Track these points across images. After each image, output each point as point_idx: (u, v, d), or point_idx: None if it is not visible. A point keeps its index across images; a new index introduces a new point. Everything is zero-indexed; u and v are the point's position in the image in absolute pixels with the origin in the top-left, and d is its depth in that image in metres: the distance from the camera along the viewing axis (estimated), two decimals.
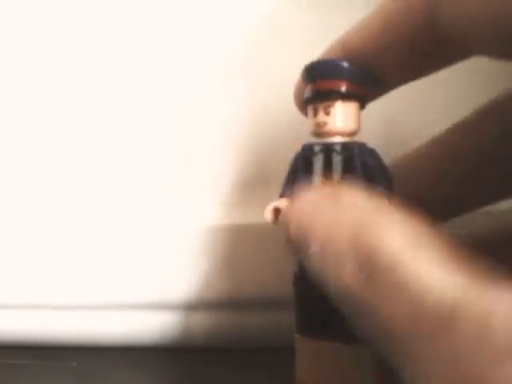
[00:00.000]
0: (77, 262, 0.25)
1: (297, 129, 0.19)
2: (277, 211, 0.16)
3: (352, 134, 0.16)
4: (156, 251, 0.25)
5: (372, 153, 0.16)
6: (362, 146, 0.16)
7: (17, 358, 0.25)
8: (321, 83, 0.15)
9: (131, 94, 0.26)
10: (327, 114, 0.15)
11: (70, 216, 0.26)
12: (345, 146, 0.15)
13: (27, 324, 0.26)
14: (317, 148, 0.16)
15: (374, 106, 0.17)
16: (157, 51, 0.26)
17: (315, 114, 0.15)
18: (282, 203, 0.16)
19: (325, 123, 0.15)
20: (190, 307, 0.25)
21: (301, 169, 0.16)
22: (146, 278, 0.25)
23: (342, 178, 0.15)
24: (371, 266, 0.11)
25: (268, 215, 0.16)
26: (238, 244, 0.25)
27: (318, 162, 0.15)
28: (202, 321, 0.25)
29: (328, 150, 0.15)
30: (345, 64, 0.15)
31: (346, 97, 0.15)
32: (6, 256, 0.26)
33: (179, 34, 0.25)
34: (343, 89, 0.15)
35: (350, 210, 0.13)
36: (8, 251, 0.26)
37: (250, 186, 0.25)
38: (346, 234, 0.12)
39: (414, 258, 0.11)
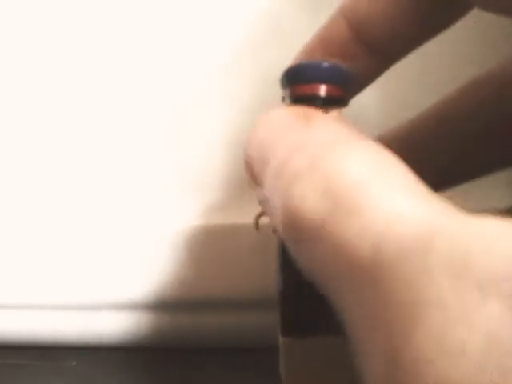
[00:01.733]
0: (76, 262, 0.25)
1: None
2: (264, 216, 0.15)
3: None
4: (156, 251, 0.25)
5: None
6: None
7: (17, 357, 0.25)
8: (311, 87, 0.14)
9: (125, 94, 0.26)
10: None
11: (70, 216, 0.26)
12: None
13: (27, 324, 0.26)
14: None
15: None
16: (155, 50, 0.26)
17: None
18: None
19: None
20: (189, 308, 0.25)
21: None
22: (145, 279, 0.25)
23: None
24: (331, 185, 0.10)
25: (254, 224, 0.15)
26: (229, 245, 0.25)
27: None
28: (201, 321, 0.25)
29: None
30: (326, 65, 0.14)
31: (326, 102, 0.14)
32: (6, 256, 0.26)
33: (179, 33, 0.25)
34: (323, 93, 0.14)
35: (318, 132, 0.11)
36: (8, 251, 0.26)
37: (245, 185, 0.25)
38: (308, 154, 0.11)
39: (377, 182, 0.10)
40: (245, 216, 0.25)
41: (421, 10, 0.14)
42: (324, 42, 0.16)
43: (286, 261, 0.16)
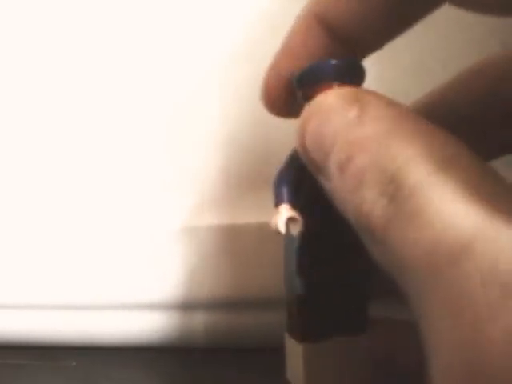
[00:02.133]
0: (76, 262, 0.25)
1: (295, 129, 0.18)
2: (290, 220, 0.15)
3: None
4: (156, 252, 0.25)
5: None
6: None
7: (17, 357, 0.25)
8: (319, 89, 0.14)
9: (125, 95, 0.26)
10: None
11: (71, 217, 0.26)
12: None
13: (27, 324, 0.26)
14: None
15: None
16: (155, 51, 0.26)
17: None
18: (291, 211, 0.15)
19: None
20: (189, 307, 0.25)
21: (309, 176, 0.14)
22: (145, 279, 0.25)
23: None
24: (394, 189, 0.11)
25: (282, 229, 0.15)
26: (230, 245, 0.25)
27: None
28: (201, 321, 0.25)
29: None
30: (332, 62, 0.14)
31: None
32: (5, 256, 0.26)
33: (179, 33, 0.25)
34: None
35: (374, 124, 0.12)
36: (8, 251, 0.26)
37: (246, 185, 0.25)
38: (369, 152, 0.11)
39: (437, 185, 0.10)
40: (245, 216, 0.25)
41: (388, 4, 0.14)
42: (295, 45, 0.16)
43: (304, 264, 0.16)
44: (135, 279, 0.25)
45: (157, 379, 0.24)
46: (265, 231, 0.16)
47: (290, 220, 0.15)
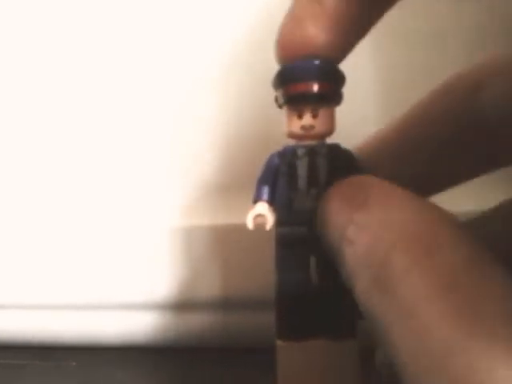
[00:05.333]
0: (76, 263, 0.25)
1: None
2: (259, 216, 0.15)
3: (331, 134, 0.15)
4: (155, 251, 0.25)
5: (349, 154, 0.15)
6: (340, 148, 0.15)
7: (17, 358, 0.25)
8: (305, 85, 0.15)
9: (128, 96, 0.26)
10: (315, 116, 0.15)
11: (72, 217, 0.26)
12: (330, 148, 0.15)
13: (27, 324, 0.26)
14: (301, 151, 0.15)
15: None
16: (158, 51, 0.26)
17: (300, 116, 0.15)
18: (262, 209, 0.15)
19: (312, 126, 0.15)
20: (186, 308, 0.25)
21: (282, 173, 0.15)
22: (145, 279, 0.25)
23: (329, 182, 0.15)
24: (389, 291, 0.11)
25: (251, 225, 0.15)
26: (230, 245, 0.25)
27: (303, 166, 0.15)
28: (198, 321, 0.25)
29: (313, 153, 0.15)
30: (316, 63, 0.14)
31: (319, 99, 0.15)
32: (5, 256, 0.26)
33: (180, 34, 0.25)
34: (315, 90, 0.14)
35: (377, 213, 0.13)
36: (8, 251, 0.26)
37: (240, 185, 0.25)
38: (382, 250, 0.12)
39: (431, 306, 0.10)
40: (246, 216, 0.25)
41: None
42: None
43: (282, 265, 0.16)
44: (134, 280, 0.25)
45: (156, 379, 0.24)
46: (254, 232, 0.16)
47: (259, 217, 0.15)
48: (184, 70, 0.26)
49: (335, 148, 0.15)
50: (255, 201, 0.16)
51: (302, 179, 0.15)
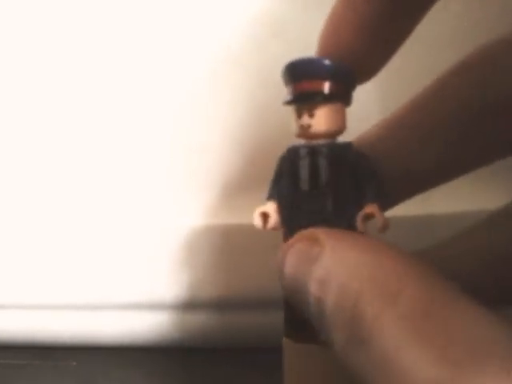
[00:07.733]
0: (76, 263, 0.25)
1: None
2: (265, 215, 0.16)
3: (337, 134, 0.15)
4: (157, 251, 0.25)
5: (359, 153, 0.15)
6: (349, 147, 0.15)
7: (17, 358, 0.25)
8: (303, 84, 0.15)
9: (131, 95, 0.26)
10: (311, 116, 0.15)
11: (74, 217, 0.26)
12: (331, 148, 0.15)
13: (27, 324, 0.26)
14: (303, 151, 0.15)
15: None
16: (161, 50, 0.26)
17: (299, 115, 0.15)
18: (269, 207, 0.15)
19: (309, 126, 0.15)
20: (187, 308, 0.25)
21: (286, 172, 0.15)
22: (146, 278, 0.25)
23: (329, 182, 0.15)
24: (360, 337, 0.11)
25: (257, 221, 0.16)
26: (231, 245, 0.25)
27: (305, 166, 0.15)
28: (200, 321, 0.25)
29: (314, 153, 0.15)
30: (327, 62, 0.14)
31: (329, 98, 0.14)
32: (5, 256, 0.26)
33: (179, 33, 0.25)
34: (326, 90, 0.14)
35: (329, 261, 0.13)
36: (8, 251, 0.26)
37: (244, 185, 0.25)
38: (334, 292, 0.12)
39: (403, 348, 0.10)
40: (247, 216, 0.25)
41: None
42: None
43: None
44: (134, 280, 0.25)
45: (156, 379, 0.24)
46: (259, 232, 0.16)
47: (264, 215, 0.15)
48: (191, 69, 0.25)
49: (338, 148, 0.15)
50: (267, 199, 0.16)
51: (303, 179, 0.15)
